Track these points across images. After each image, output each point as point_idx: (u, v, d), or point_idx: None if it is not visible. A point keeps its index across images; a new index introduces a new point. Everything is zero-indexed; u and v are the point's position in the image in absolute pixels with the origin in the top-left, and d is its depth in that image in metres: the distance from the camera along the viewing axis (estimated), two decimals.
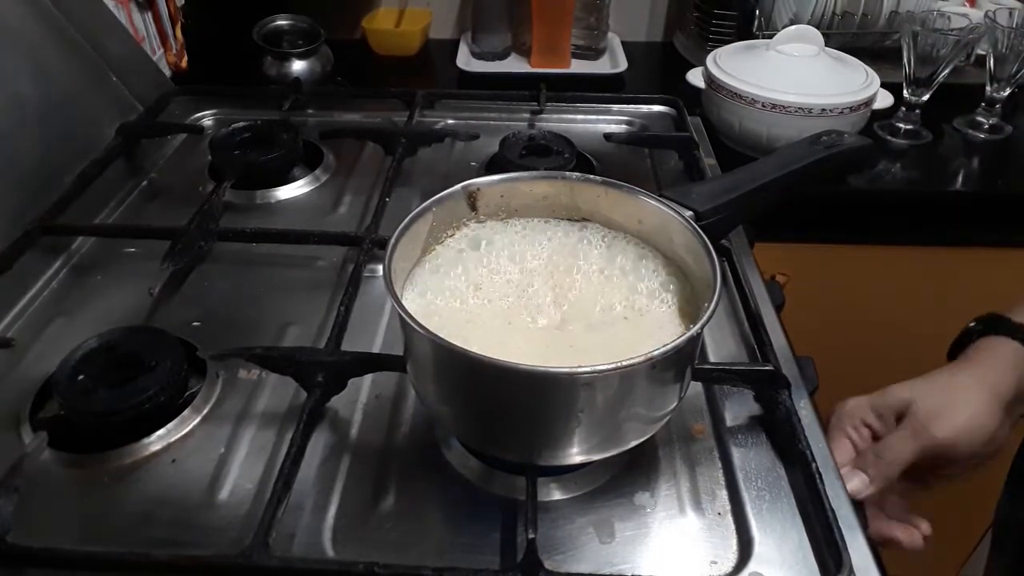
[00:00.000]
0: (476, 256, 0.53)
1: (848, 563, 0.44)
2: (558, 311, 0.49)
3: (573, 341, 0.47)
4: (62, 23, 0.83)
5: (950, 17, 0.99)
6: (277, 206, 0.80)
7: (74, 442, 0.53)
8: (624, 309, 0.49)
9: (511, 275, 0.52)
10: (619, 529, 0.48)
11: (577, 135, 0.87)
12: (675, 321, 0.49)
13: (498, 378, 0.42)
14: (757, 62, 0.97)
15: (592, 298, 0.50)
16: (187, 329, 0.62)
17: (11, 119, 0.73)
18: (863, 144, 0.62)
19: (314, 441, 0.53)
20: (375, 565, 0.43)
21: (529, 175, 0.55)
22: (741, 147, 0.98)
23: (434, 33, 1.36)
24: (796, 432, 0.51)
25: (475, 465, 0.52)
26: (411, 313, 0.43)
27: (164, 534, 0.48)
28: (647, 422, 0.47)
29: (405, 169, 0.83)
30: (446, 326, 0.47)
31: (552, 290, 0.51)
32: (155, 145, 0.88)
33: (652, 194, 0.52)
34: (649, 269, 0.52)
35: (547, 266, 0.53)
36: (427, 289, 0.50)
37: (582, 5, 1.21)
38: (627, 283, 0.51)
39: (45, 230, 0.70)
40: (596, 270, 0.52)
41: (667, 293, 0.50)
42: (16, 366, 0.60)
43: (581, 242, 0.54)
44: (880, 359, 1.09)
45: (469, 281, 0.51)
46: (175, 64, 1.04)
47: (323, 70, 1.08)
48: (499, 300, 0.50)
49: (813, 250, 1.00)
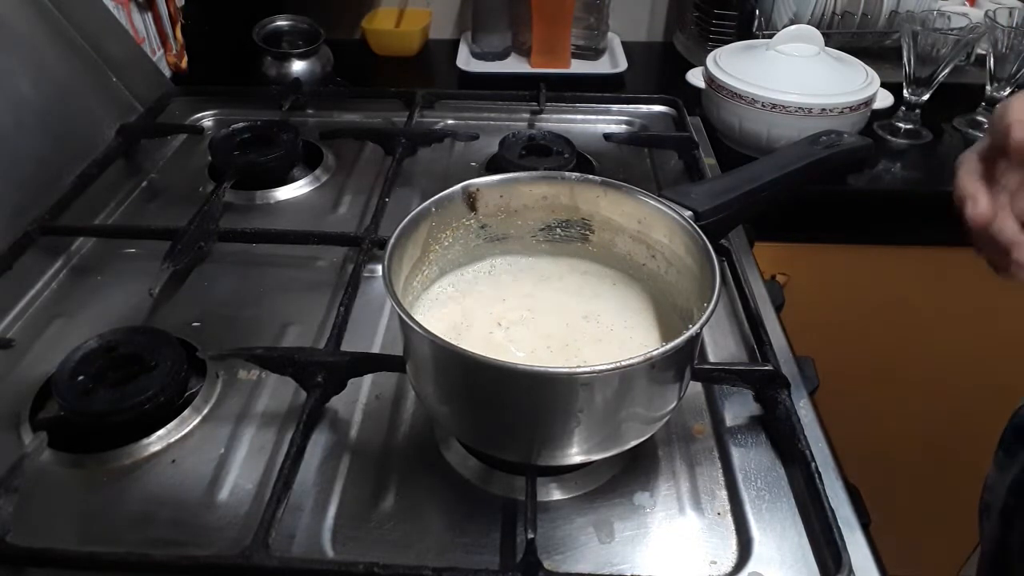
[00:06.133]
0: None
1: (848, 563, 0.44)
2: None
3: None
4: (62, 24, 0.83)
5: (950, 17, 0.99)
6: (277, 206, 0.80)
7: (74, 442, 0.53)
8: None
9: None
10: (619, 529, 0.48)
11: (577, 135, 0.87)
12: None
13: (497, 378, 0.42)
14: (757, 62, 0.97)
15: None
16: (187, 329, 0.62)
17: (11, 119, 0.73)
18: (863, 144, 0.62)
19: (314, 441, 0.53)
20: (375, 565, 0.43)
21: (529, 175, 0.55)
22: (741, 147, 0.98)
23: (434, 33, 1.36)
24: (796, 432, 0.51)
25: (475, 465, 0.52)
26: (410, 313, 0.43)
27: (164, 534, 0.48)
28: (646, 422, 0.47)
29: (405, 169, 0.84)
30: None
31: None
32: (155, 145, 0.88)
33: (652, 194, 0.52)
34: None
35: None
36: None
37: (582, 5, 1.21)
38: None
39: (45, 231, 0.70)
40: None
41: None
42: (16, 366, 0.60)
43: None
44: (880, 359, 1.09)
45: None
46: (175, 64, 1.04)
47: (323, 70, 1.08)
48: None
49: (813, 250, 1.00)
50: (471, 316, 0.53)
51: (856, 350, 1.05)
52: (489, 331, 0.51)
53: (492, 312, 0.53)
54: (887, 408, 1.14)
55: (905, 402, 1.14)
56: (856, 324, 1.06)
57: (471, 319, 0.53)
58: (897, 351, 1.09)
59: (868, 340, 1.07)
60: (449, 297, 0.55)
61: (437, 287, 0.55)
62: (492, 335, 0.51)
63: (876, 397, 1.12)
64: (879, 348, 1.08)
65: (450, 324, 0.52)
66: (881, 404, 1.13)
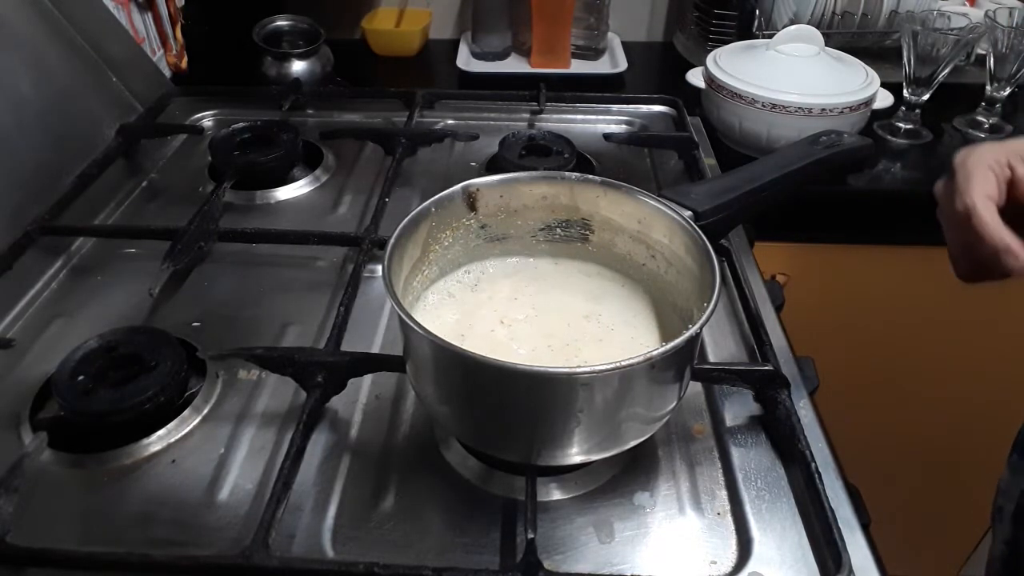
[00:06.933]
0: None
1: (848, 563, 0.44)
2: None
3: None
4: (62, 24, 0.83)
5: (950, 17, 0.99)
6: (277, 206, 0.80)
7: (74, 442, 0.53)
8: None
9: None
10: (619, 529, 0.48)
11: (577, 135, 0.87)
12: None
13: (497, 378, 0.42)
14: (757, 62, 0.97)
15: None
16: (187, 329, 0.62)
17: (11, 119, 0.73)
18: (863, 144, 0.62)
19: (314, 441, 0.53)
20: (375, 565, 0.43)
21: (529, 175, 0.55)
22: (741, 147, 0.98)
23: (434, 33, 1.36)
24: (796, 432, 0.51)
25: (475, 465, 0.52)
26: (410, 313, 0.43)
27: (164, 534, 0.48)
28: (646, 422, 0.47)
29: (405, 169, 0.84)
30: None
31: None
32: (155, 145, 0.88)
33: (652, 194, 0.52)
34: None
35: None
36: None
37: (582, 5, 1.21)
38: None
39: (45, 231, 0.70)
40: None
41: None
42: (16, 366, 0.60)
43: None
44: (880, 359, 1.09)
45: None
46: (175, 65, 1.04)
47: (323, 70, 1.08)
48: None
49: (813, 250, 1.00)
50: (472, 316, 0.53)
51: (856, 350, 1.05)
52: (491, 330, 0.51)
53: (493, 312, 0.53)
54: (887, 408, 1.14)
55: (905, 402, 1.14)
56: (856, 324, 1.05)
57: (472, 319, 0.53)
58: (897, 351, 1.09)
59: (868, 340, 1.07)
60: (449, 297, 0.55)
61: (437, 287, 0.55)
62: (494, 333, 0.51)
63: (876, 397, 1.12)
64: (879, 348, 1.07)
65: (451, 324, 0.52)
66: (881, 404, 1.13)
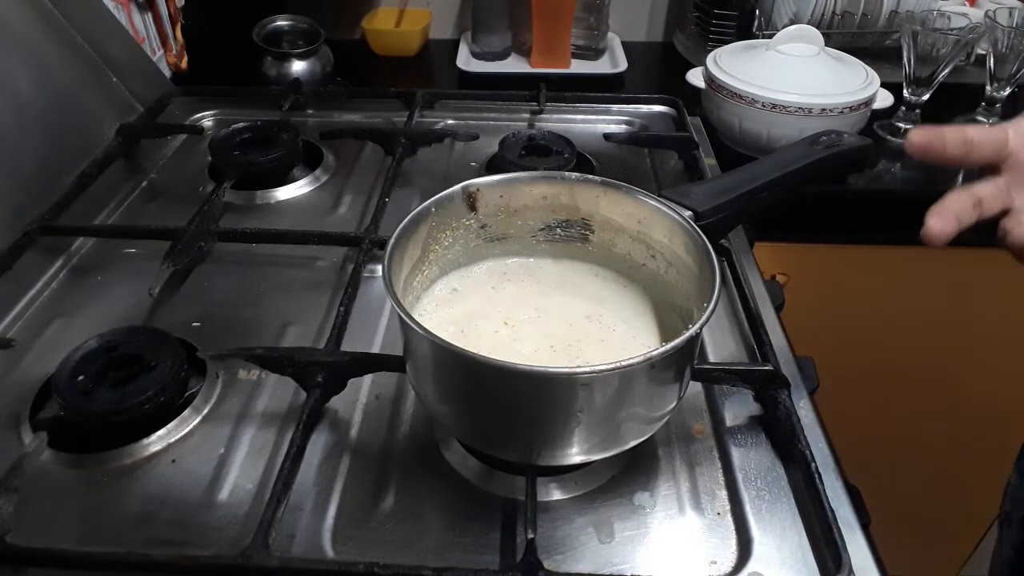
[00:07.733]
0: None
1: (848, 563, 0.44)
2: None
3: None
4: (62, 24, 0.83)
5: (950, 17, 0.99)
6: (277, 206, 0.80)
7: (74, 442, 0.53)
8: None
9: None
10: (619, 529, 0.48)
11: (577, 135, 0.87)
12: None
13: (497, 378, 0.42)
14: (757, 62, 0.97)
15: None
16: (187, 329, 0.62)
17: (11, 119, 0.73)
18: (863, 144, 0.62)
19: (314, 441, 0.53)
20: (375, 565, 0.43)
21: (529, 175, 0.55)
22: (741, 147, 0.98)
23: (434, 33, 1.36)
24: (796, 432, 0.51)
25: (475, 465, 0.52)
26: (410, 313, 0.43)
27: (164, 534, 0.48)
28: (646, 422, 0.47)
29: (405, 169, 0.84)
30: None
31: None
32: (155, 145, 0.88)
33: (652, 194, 0.52)
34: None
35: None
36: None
37: (582, 5, 1.21)
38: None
39: (45, 230, 0.70)
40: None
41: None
42: (16, 366, 0.60)
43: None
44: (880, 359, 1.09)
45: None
46: (175, 65, 1.04)
47: (323, 70, 1.08)
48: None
49: (813, 250, 1.00)
50: (472, 316, 0.53)
51: (856, 350, 1.05)
52: (495, 330, 0.51)
53: (493, 312, 0.53)
54: (887, 408, 1.14)
55: (905, 402, 1.14)
56: (856, 324, 1.06)
57: (472, 319, 0.53)
58: (897, 351, 1.09)
59: (868, 340, 1.07)
60: (450, 297, 0.55)
61: (437, 287, 0.55)
62: (497, 334, 0.51)
63: (876, 397, 1.12)
64: (879, 348, 1.07)
65: (451, 324, 0.52)
66: (881, 404, 1.13)
